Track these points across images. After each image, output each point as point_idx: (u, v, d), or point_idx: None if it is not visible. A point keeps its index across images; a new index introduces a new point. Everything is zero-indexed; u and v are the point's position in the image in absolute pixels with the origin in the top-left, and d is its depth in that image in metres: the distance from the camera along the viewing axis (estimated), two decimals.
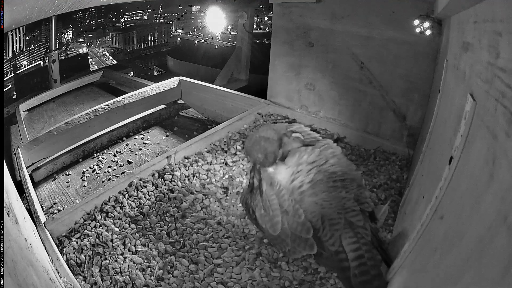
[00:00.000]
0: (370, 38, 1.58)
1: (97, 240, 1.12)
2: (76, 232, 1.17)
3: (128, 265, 1.04)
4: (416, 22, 1.37)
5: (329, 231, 0.87)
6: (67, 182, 1.70)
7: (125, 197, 1.31)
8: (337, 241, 0.85)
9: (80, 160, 1.91)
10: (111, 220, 1.21)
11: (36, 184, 1.69)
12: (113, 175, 1.73)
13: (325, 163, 0.94)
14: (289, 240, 0.91)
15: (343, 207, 0.89)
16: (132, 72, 11.28)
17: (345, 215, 0.87)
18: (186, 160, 1.56)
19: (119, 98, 2.18)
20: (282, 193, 0.92)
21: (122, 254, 1.08)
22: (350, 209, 0.89)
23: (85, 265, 1.05)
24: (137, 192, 1.34)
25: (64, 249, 1.10)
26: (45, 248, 1.05)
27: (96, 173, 1.77)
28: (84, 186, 1.67)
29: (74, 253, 1.08)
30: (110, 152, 1.98)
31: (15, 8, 1.40)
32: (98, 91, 3.20)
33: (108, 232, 1.15)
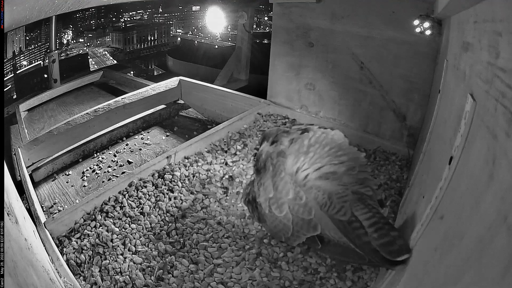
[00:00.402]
0: (370, 38, 1.58)
1: (97, 240, 1.12)
2: (76, 232, 1.17)
3: (128, 265, 1.04)
4: (416, 22, 1.37)
5: (338, 203, 0.86)
6: (67, 182, 1.70)
7: (125, 197, 1.31)
8: (348, 211, 0.84)
9: (80, 160, 1.91)
10: (111, 220, 1.21)
11: (36, 184, 1.69)
12: (113, 175, 1.73)
13: (327, 147, 0.97)
14: (291, 223, 0.92)
15: (349, 180, 0.89)
16: (132, 72, 11.28)
17: (352, 188, 0.88)
18: (186, 160, 1.56)
19: (119, 98, 2.18)
20: (285, 179, 0.95)
21: (122, 254, 1.08)
22: (356, 179, 0.89)
23: (85, 265, 1.05)
24: (137, 192, 1.34)
25: (64, 249, 1.10)
26: (45, 248, 1.05)
27: (96, 173, 1.77)
28: (84, 186, 1.67)
29: (74, 253, 1.08)
30: (110, 152, 1.98)
31: (15, 8, 1.40)
32: (98, 91, 3.20)
33: (108, 232, 1.15)
